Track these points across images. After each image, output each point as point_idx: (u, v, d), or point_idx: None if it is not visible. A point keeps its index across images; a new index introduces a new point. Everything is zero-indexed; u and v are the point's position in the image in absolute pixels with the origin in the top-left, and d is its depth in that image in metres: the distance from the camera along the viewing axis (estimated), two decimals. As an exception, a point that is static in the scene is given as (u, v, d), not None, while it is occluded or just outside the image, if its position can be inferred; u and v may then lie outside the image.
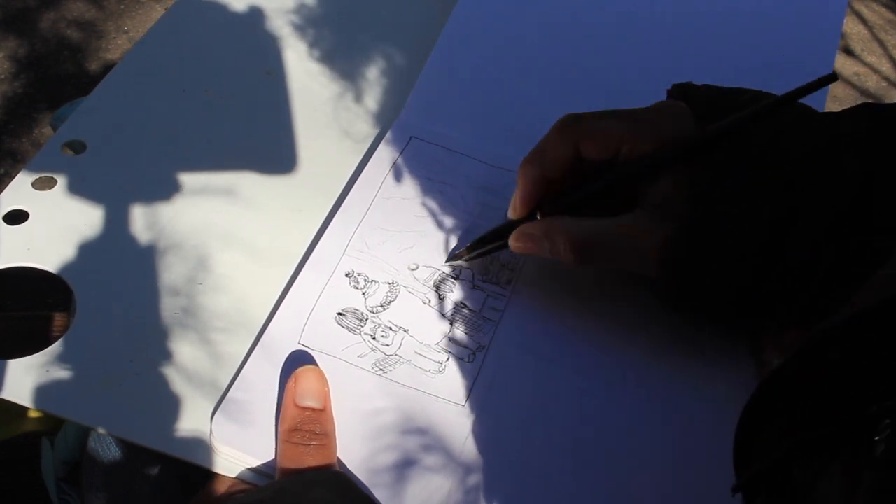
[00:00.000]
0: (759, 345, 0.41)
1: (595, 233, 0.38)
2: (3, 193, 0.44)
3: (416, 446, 0.38)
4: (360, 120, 0.52)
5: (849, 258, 0.35)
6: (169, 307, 0.42)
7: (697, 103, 0.40)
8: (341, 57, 0.56)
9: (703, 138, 0.37)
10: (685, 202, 0.37)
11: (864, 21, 1.86)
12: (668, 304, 0.41)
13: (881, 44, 1.81)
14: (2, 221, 0.43)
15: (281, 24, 0.57)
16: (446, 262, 0.44)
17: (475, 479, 0.37)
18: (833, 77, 0.35)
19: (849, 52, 1.78)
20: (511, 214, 0.41)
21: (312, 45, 0.56)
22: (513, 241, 0.41)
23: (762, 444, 0.31)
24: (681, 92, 0.41)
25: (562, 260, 0.39)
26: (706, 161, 0.37)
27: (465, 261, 0.44)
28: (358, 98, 0.53)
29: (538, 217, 0.40)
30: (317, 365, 0.39)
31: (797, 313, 0.38)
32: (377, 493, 0.36)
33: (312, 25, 0.57)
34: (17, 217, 0.44)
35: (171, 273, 0.43)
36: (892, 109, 0.38)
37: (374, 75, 0.55)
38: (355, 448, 0.37)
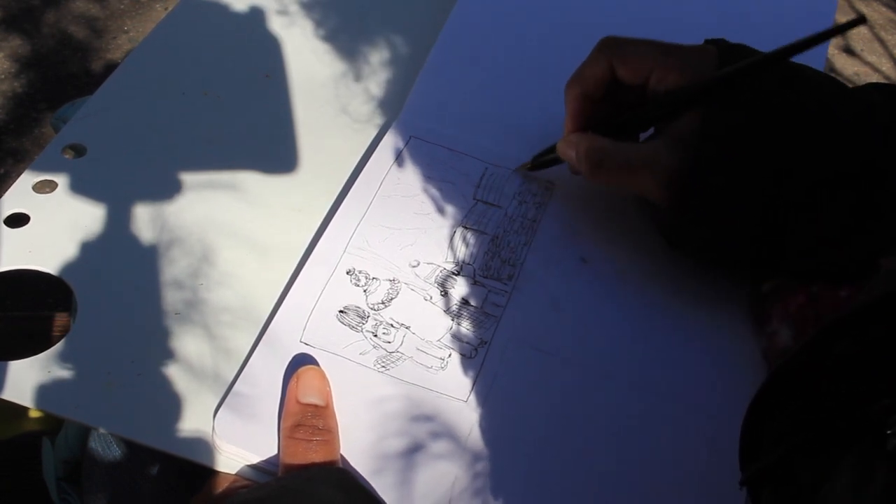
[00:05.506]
0: (765, 314, 0.41)
1: (611, 147, 0.41)
2: (4, 197, 0.44)
3: (419, 443, 0.38)
4: (361, 120, 0.52)
5: (859, 218, 0.36)
6: (170, 306, 0.42)
7: (731, 55, 0.41)
8: (342, 55, 0.56)
9: (721, 78, 0.39)
10: (698, 134, 0.39)
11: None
12: (674, 239, 0.42)
13: (882, 43, 1.81)
14: (3, 225, 0.43)
15: (281, 26, 0.57)
16: (515, 169, 0.48)
17: (478, 474, 0.37)
18: (862, 20, 0.37)
19: (850, 51, 1.78)
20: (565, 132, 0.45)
21: (312, 44, 0.56)
22: (558, 146, 0.45)
23: (769, 437, 0.31)
24: (716, 43, 0.43)
25: (581, 171, 0.42)
26: (724, 99, 0.39)
27: (529, 170, 0.48)
28: (360, 98, 0.53)
29: None
30: (318, 364, 0.39)
31: (799, 266, 0.39)
32: (380, 490, 0.36)
33: (313, 25, 0.57)
34: (18, 220, 0.44)
35: (172, 272, 0.43)
36: None
37: (375, 74, 0.55)
38: (359, 445, 0.37)
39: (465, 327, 0.42)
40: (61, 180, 0.46)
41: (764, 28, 0.58)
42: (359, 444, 0.37)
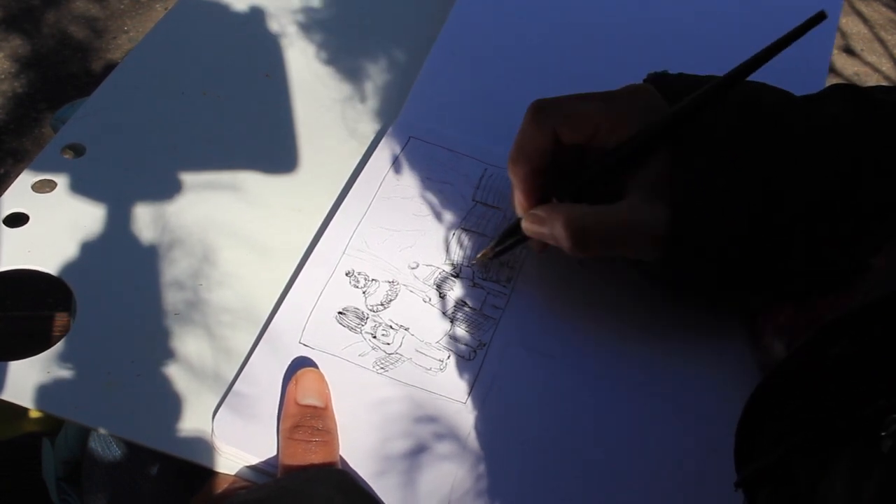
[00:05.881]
0: (758, 328, 0.41)
1: (593, 218, 0.37)
2: (3, 196, 0.44)
3: (418, 445, 0.38)
4: (361, 121, 0.52)
5: (838, 237, 0.36)
6: (169, 307, 0.42)
7: (673, 91, 0.40)
8: (342, 56, 0.56)
9: (682, 112, 0.37)
10: (676, 181, 0.37)
11: (865, 20, 1.86)
12: (662, 285, 0.41)
13: (882, 43, 1.81)
14: (2, 224, 0.43)
15: (281, 26, 0.57)
16: (473, 261, 0.44)
17: (478, 476, 0.37)
18: (822, 16, 0.35)
19: (850, 51, 1.78)
20: (519, 213, 0.41)
21: (312, 45, 0.56)
22: (525, 223, 0.40)
23: (765, 439, 0.31)
24: (655, 81, 0.41)
25: (561, 247, 0.38)
26: (690, 138, 0.37)
27: (491, 259, 0.44)
28: (359, 99, 0.53)
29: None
30: (317, 366, 0.39)
31: (789, 289, 0.38)
32: (379, 491, 0.36)
33: (312, 26, 0.57)
34: (17, 220, 0.44)
35: (172, 272, 0.43)
36: (868, 93, 0.39)
37: (374, 75, 0.55)
38: (358, 446, 0.37)
39: (464, 329, 0.42)
40: (61, 180, 0.46)
41: (762, 27, 0.58)
42: (358, 445, 0.37)
